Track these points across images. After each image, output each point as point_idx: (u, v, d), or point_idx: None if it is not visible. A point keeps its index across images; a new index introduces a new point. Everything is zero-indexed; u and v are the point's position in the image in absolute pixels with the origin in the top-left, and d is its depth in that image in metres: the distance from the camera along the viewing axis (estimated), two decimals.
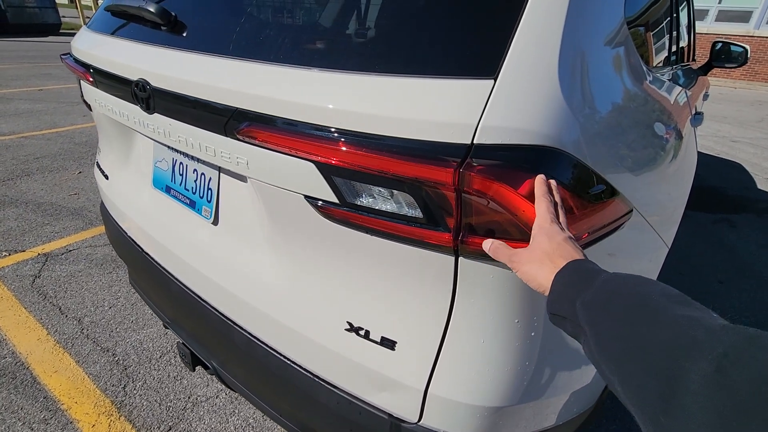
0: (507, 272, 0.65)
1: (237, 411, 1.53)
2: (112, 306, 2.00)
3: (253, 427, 1.48)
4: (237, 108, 0.75)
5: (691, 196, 1.48)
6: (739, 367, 0.30)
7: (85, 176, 3.37)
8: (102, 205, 1.52)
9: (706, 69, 2.70)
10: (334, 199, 0.69)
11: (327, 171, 0.67)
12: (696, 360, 0.32)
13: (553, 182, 0.58)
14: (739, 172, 4.59)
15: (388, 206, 0.65)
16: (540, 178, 0.58)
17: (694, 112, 1.63)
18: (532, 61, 0.61)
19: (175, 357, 1.74)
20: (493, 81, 0.58)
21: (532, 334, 0.71)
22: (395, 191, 0.64)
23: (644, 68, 0.98)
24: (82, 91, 1.31)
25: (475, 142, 0.57)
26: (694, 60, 2.64)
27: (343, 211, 0.69)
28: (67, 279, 2.16)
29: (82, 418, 1.47)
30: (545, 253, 0.53)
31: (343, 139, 0.64)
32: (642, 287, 0.43)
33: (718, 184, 4.09)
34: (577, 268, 0.50)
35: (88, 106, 1.34)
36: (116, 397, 1.55)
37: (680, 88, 1.41)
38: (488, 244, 0.60)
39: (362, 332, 0.76)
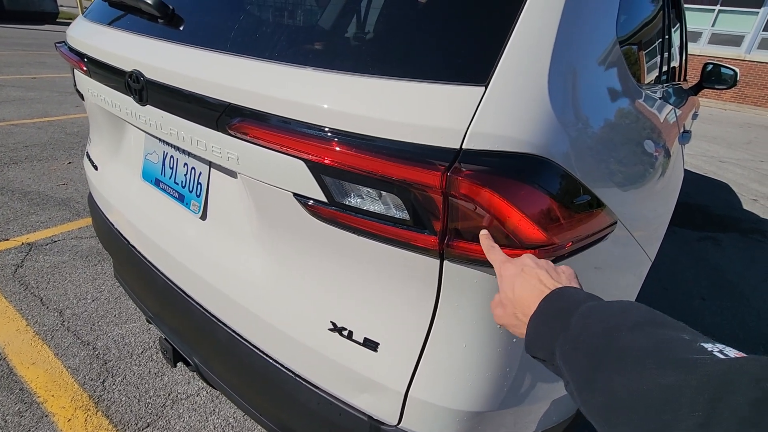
0: (491, 277, 0.65)
1: (217, 410, 1.51)
2: (95, 299, 1.98)
3: (233, 426, 1.46)
4: (230, 103, 0.75)
5: (678, 214, 1.50)
6: (721, 423, 0.29)
7: (75, 167, 3.33)
8: (90, 195, 1.51)
9: (696, 89, 2.76)
10: (322, 198, 0.69)
11: (317, 170, 0.67)
12: (676, 418, 0.31)
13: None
14: (725, 191, 4.67)
15: (376, 207, 0.66)
16: (484, 233, 0.60)
17: (682, 130, 1.66)
18: (523, 70, 0.62)
19: (156, 353, 1.72)
20: (484, 88, 0.59)
21: (514, 340, 0.71)
22: (384, 192, 0.64)
23: (635, 85, 1.00)
24: (75, 81, 1.30)
25: (463, 147, 0.58)
26: (685, 80, 2.70)
27: (332, 211, 0.69)
28: (50, 270, 2.13)
29: (57, 412, 1.44)
30: (511, 303, 0.54)
31: (334, 139, 0.64)
32: (611, 320, 0.41)
33: (704, 203, 4.16)
34: (546, 311, 0.49)
35: (81, 96, 1.33)
36: (94, 392, 1.52)
37: (670, 106, 1.44)
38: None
39: (345, 333, 0.76)
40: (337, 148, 0.63)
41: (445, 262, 0.65)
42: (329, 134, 0.65)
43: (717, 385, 0.30)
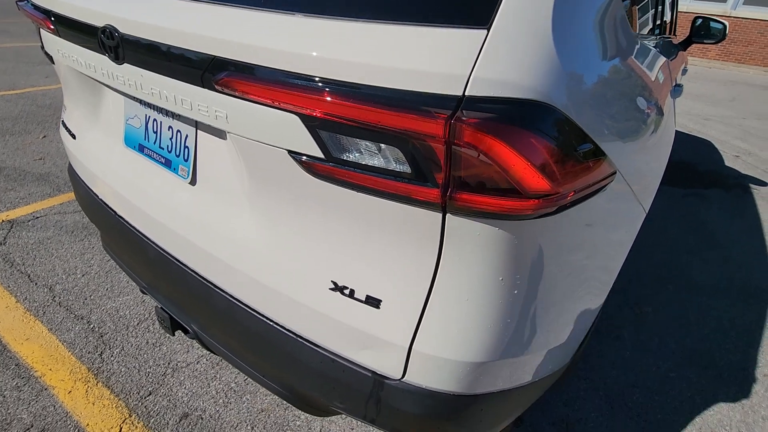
0: (494, 229, 0.65)
1: (218, 376, 1.53)
2: (85, 273, 1.94)
3: (235, 391, 1.49)
4: (215, 56, 0.70)
5: (664, 171, 1.51)
6: None
7: (50, 140, 3.20)
8: (70, 166, 1.45)
9: (685, 44, 2.73)
10: (319, 153, 0.66)
11: (312, 124, 0.64)
12: None
13: None
14: (709, 149, 4.73)
15: (375, 161, 0.64)
16: None
17: (674, 84, 1.65)
18: (526, 13, 0.59)
19: (153, 324, 1.71)
20: (486, 31, 0.56)
21: (515, 292, 0.72)
22: (383, 145, 0.62)
23: (634, 35, 0.97)
24: (42, 42, 1.22)
25: (466, 93, 0.55)
26: (674, 35, 2.66)
27: (329, 167, 0.67)
28: (35, 246, 2.08)
29: (57, 385, 1.44)
30: None
31: (329, 90, 0.61)
32: None
33: (689, 160, 4.21)
34: None
35: (50, 59, 1.24)
36: (93, 364, 1.52)
37: (664, 59, 1.41)
38: None
39: (347, 291, 0.76)
40: (333, 100, 0.61)
41: (448, 215, 0.64)
42: (324, 85, 0.61)
43: None
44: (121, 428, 1.34)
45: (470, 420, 0.85)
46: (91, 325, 1.69)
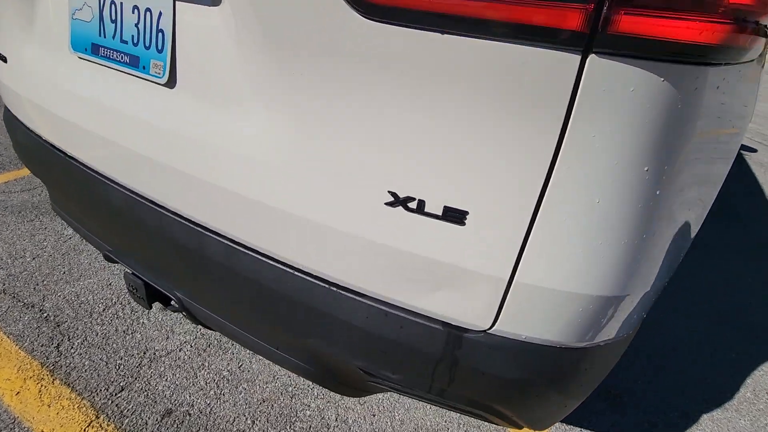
0: (655, 81, 0.42)
1: (206, 364, 1.27)
2: (36, 256, 1.62)
3: (228, 380, 1.23)
4: None
5: None
6: None
7: None
8: (5, 110, 1.14)
9: None
10: None
11: None
12: None
13: None
14: None
15: None
16: None
17: None
18: None
19: (123, 309, 1.42)
20: None
21: (657, 192, 0.50)
22: None
23: None
24: None
25: None
26: None
27: None
28: None
29: (1, 385, 1.14)
30: None
31: None
32: None
33: None
34: None
35: None
36: (47, 359, 1.23)
37: None
38: None
39: (413, 204, 0.52)
40: None
41: (590, 57, 0.41)
42: None
43: None
44: None
45: (570, 385, 0.63)
46: (45, 314, 1.38)
